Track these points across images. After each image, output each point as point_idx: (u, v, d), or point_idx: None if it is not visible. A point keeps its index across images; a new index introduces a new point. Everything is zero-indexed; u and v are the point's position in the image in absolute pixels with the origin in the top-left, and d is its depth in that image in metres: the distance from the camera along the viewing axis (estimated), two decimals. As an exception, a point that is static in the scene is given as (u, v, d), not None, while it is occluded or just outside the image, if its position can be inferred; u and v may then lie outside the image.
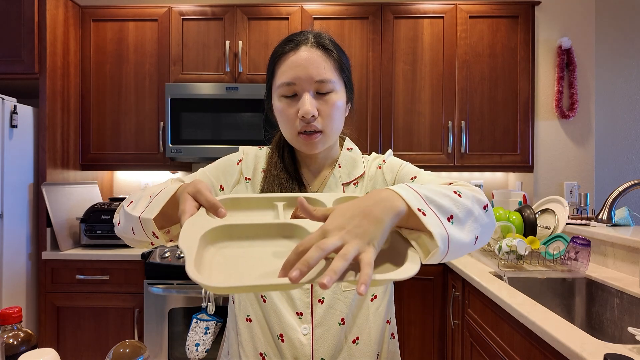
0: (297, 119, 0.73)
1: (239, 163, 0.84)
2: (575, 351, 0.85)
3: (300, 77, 0.72)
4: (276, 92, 0.76)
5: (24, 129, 1.95)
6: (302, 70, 0.72)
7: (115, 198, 2.20)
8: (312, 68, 0.72)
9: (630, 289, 1.31)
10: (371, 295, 0.79)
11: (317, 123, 0.73)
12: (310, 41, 0.74)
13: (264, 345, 0.75)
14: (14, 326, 0.67)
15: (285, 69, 0.73)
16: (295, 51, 0.73)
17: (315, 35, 0.76)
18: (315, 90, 0.73)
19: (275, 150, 0.84)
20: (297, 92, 0.73)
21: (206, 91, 2.14)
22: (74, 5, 2.22)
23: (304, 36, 0.75)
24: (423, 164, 2.21)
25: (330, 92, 0.74)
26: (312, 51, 0.74)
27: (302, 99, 0.73)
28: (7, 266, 1.85)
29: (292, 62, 0.73)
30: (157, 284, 1.89)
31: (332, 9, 2.22)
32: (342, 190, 0.81)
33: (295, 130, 0.75)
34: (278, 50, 0.76)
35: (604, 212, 1.25)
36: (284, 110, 0.75)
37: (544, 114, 2.39)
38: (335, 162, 0.85)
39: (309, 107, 0.71)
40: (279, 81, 0.74)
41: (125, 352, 0.61)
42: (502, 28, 2.22)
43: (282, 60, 0.74)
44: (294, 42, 0.74)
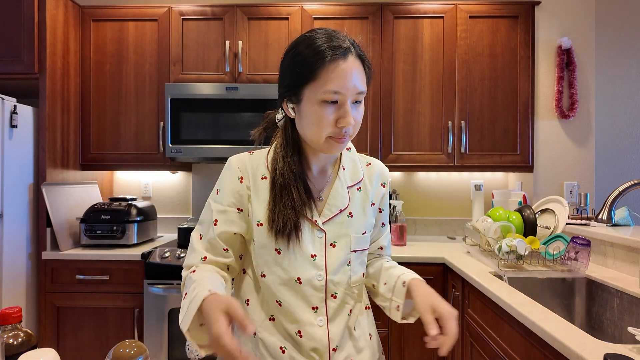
0: (333, 125, 0.76)
1: (242, 180, 0.85)
2: (575, 351, 0.85)
3: (348, 88, 0.74)
4: (317, 96, 0.74)
5: (23, 128, 1.95)
6: (349, 81, 0.74)
7: (115, 198, 2.20)
8: (357, 80, 0.75)
9: (630, 289, 1.31)
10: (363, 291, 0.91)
11: (350, 130, 0.77)
12: (354, 52, 0.76)
13: (283, 340, 0.81)
14: (14, 326, 0.67)
15: (334, 77, 0.73)
16: (344, 59, 0.74)
17: (354, 45, 0.77)
18: (353, 100, 0.76)
19: (289, 153, 0.83)
20: (338, 100, 0.75)
21: (206, 91, 2.15)
22: (74, 5, 2.22)
23: (347, 44, 0.75)
24: (423, 163, 2.22)
25: (362, 102, 0.79)
26: (356, 62, 0.76)
27: (344, 109, 0.75)
28: (7, 266, 1.85)
29: (342, 71, 0.73)
30: (157, 284, 1.89)
31: (332, 9, 2.22)
32: (347, 193, 0.86)
33: (325, 134, 0.76)
34: (322, 53, 0.73)
35: (604, 212, 1.25)
36: (322, 115, 0.75)
37: (543, 114, 2.39)
38: (337, 161, 0.89)
39: (351, 119, 0.75)
40: (326, 87, 0.73)
41: (126, 352, 0.62)
42: (502, 28, 2.22)
43: (331, 66, 0.73)
44: (342, 50, 0.74)
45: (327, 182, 0.87)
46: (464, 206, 2.55)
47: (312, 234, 0.82)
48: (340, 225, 0.84)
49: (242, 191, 0.84)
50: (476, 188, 2.33)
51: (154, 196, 2.59)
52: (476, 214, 2.31)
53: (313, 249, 0.81)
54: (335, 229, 0.83)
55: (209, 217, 0.84)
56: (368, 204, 0.89)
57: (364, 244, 0.87)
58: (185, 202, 2.59)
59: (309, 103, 0.76)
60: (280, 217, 0.78)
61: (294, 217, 0.79)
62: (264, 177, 0.84)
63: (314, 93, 0.74)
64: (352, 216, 0.85)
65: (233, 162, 0.86)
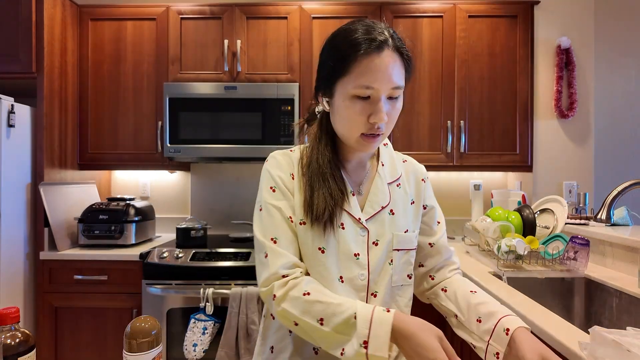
0: (366, 121, 0.73)
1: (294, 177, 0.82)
2: (575, 351, 0.85)
3: (380, 82, 0.71)
4: (348, 90, 0.72)
5: (21, 128, 1.95)
6: (383, 76, 0.71)
7: (113, 198, 2.19)
8: (392, 74, 0.72)
9: (629, 289, 1.31)
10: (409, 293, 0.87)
11: (383, 126, 0.75)
12: (391, 45, 0.72)
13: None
14: (12, 327, 0.67)
15: (366, 71, 0.70)
16: (378, 53, 0.71)
17: (393, 37, 0.73)
18: (388, 95, 0.73)
19: (324, 142, 0.82)
20: (371, 95, 0.72)
21: (204, 91, 2.14)
22: (72, 4, 2.21)
23: (384, 36, 0.72)
24: (422, 163, 2.20)
25: (399, 97, 0.76)
26: (393, 56, 0.72)
27: (378, 105, 0.72)
28: (5, 266, 1.85)
29: (375, 66, 0.70)
30: (155, 284, 1.88)
31: (331, 8, 2.22)
32: (387, 190, 0.84)
33: (358, 130, 0.75)
34: (357, 46, 0.71)
35: (603, 212, 1.26)
36: (353, 110, 0.73)
37: (543, 114, 2.39)
38: (376, 156, 0.88)
39: (384, 115, 0.72)
40: (357, 81, 0.71)
41: (142, 325, 0.67)
42: (501, 28, 2.22)
43: (364, 59, 0.70)
44: (377, 43, 0.71)
45: (365, 177, 0.86)
46: (463, 206, 2.55)
47: (355, 232, 0.80)
48: (382, 223, 0.82)
49: (292, 187, 0.81)
50: (475, 188, 2.33)
51: (152, 196, 2.59)
52: (475, 214, 2.31)
53: (356, 248, 0.79)
54: (378, 227, 0.81)
55: (278, 217, 0.78)
56: (408, 201, 0.87)
57: (408, 243, 0.84)
58: (184, 202, 2.59)
59: (341, 98, 0.74)
60: (320, 204, 0.76)
61: (332, 204, 0.77)
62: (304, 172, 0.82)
63: (346, 87, 0.73)
64: (394, 214, 0.83)
65: (279, 158, 0.84)
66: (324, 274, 0.77)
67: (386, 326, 0.65)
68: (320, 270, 0.77)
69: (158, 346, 0.68)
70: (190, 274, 1.88)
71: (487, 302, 0.80)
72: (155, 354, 0.67)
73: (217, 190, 2.56)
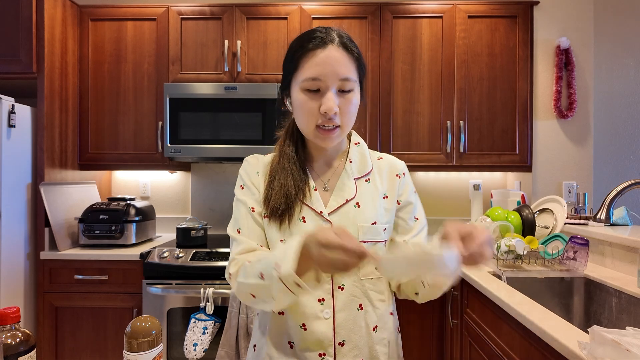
0: (318, 113, 0.78)
1: (259, 175, 0.89)
2: (574, 351, 0.85)
3: (326, 74, 0.76)
4: (298, 85, 0.78)
5: (22, 128, 1.95)
6: (328, 67, 0.76)
7: (113, 198, 2.19)
8: (338, 66, 0.76)
9: (628, 289, 1.31)
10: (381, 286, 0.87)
11: (337, 119, 0.78)
12: (336, 40, 0.78)
13: (291, 334, 0.81)
14: (12, 326, 0.67)
15: (311, 65, 0.76)
16: (322, 48, 0.77)
17: (339, 35, 0.79)
18: (337, 87, 0.78)
19: (287, 142, 0.88)
20: (320, 88, 0.77)
21: (205, 91, 2.14)
22: (72, 4, 2.22)
23: (329, 34, 0.78)
24: (422, 163, 2.22)
25: (351, 91, 0.79)
26: (338, 50, 0.77)
27: (326, 96, 0.77)
28: (5, 266, 1.85)
29: (319, 59, 0.76)
30: (155, 284, 1.88)
31: (331, 8, 2.22)
32: (354, 184, 0.86)
33: (313, 123, 0.79)
34: (304, 45, 0.78)
35: (602, 212, 1.26)
36: (305, 103, 0.78)
37: (542, 114, 2.40)
38: (345, 154, 0.92)
39: (333, 104, 0.76)
40: (304, 75, 0.77)
41: (142, 325, 0.68)
42: (501, 28, 2.22)
43: (309, 55, 0.77)
44: (320, 39, 0.77)
45: (333, 174, 0.89)
46: (463, 206, 2.56)
47: (316, 225, 0.81)
48: (347, 216, 0.83)
49: (259, 184, 0.87)
50: (475, 188, 2.33)
51: (153, 196, 2.59)
52: (475, 214, 2.31)
53: None
54: (342, 219, 0.83)
55: (243, 210, 0.85)
56: (378, 196, 0.88)
57: (375, 235, 0.84)
58: (184, 202, 2.59)
59: (295, 93, 0.80)
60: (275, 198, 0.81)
61: (286, 199, 0.81)
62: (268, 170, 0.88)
63: (297, 82, 0.79)
64: (360, 206, 0.85)
65: (250, 160, 0.91)
66: None
67: (294, 243, 0.66)
68: None
69: (158, 346, 0.69)
70: (191, 273, 1.88)
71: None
72: (155, 353, 0.68)
73: (217, 190, 2.57)
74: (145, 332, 0.67)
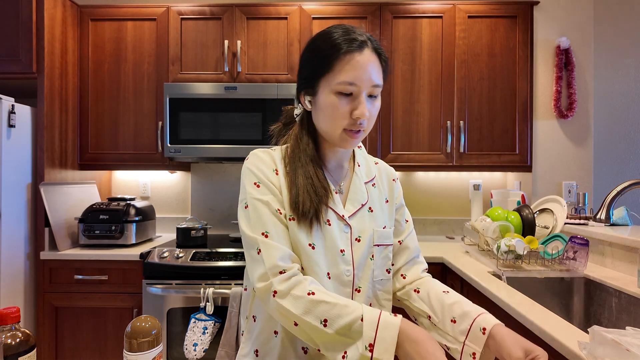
0: (348, 117, 0.77)
1: (277, 173, 0.82)
2: (574, 350, 0.85)
3: (362, 79, 0.75)
4: (331, 87, 0.76)
5: (22, 128, 1.95)
6: (364, 72, 0.75)
7: (113, 198, 2.19)
8: (373, 72, 0.76)
9: (628, 289, 1.31)
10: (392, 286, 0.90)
11: (365, 123, 0.78)
12: (370, 45, 0.77)
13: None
14: (12, 326, 0.67)
15: (349, 68, 0.75)
16: (359, 52, 0.75)
17: (370, 39, 0.78)
18: (368, 93, 0.77)
19: (305, 139, 0.84)
20: (353, 92, 0.76)
21: (205, 91, 2.14)
22: (72, 4, 2.22)
23: (364, 38, 0.77)
24: (422, 163, 2.22)
25: (378, 96, 0.80)
26: (372, 55, 0.77)
27: (359, 100, 0.76)
28: (5, 266, 1.85)
29: (357, 63, 0.75)
30: (155, 284, 1.88)
31: (331, 8, 2.22)
32: (364, 189, 0.88)
33: (341, 125, 0.78)
34: (338, 46, 0.75)
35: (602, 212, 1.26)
36: (337, 106, 0.76)
37: (542, 114, 2.40)
38: (352, 158, 0.92)
39: (366, 110, 0.76)
40: (340, 78, 0.75)
41: (142, 325, 0.67)
42: (501, 28, 2.22)
43: (345, 57, 0.75)
44: (358, 43, 0.76)
45: (345, 177, 0.89)
46: (463, 206, 2.56)
47: (339, 228, 0.82)
48: (363, 220, 0.85)
49: (278, 183, 0.81)
50: (475, 188, 2.33)
51: (153, 196, 2.59)
52: (475, 214, 2.31)
53: (341, 244, 0.81)
54: (359, 224, 0.84)
55: (266, 211, 0.77)
56: (383, 200, 0.91)
57: (386, 239, 0.87)
58: (184, 202, 2.59)
59: (324, 94, 0.78)
60: (305, 201, 0.77)
61: (316, 201, 0.78)
62: (288, 171, 0.82)
63: (329, 84, 0.76)
64: (372, 211, 0.87)
65: (260, 154, 0.84)
66: (315, 269, 0.78)
67: (393, 330, 0.65)
68: (312, 266, 0.78)
69: (158, 346, 0.69)
70: (191, 273, 1.88)
71: (461, 301, 0.80)
72: (155, 353, 0.68)
73: (217, 190, 2.57)
74: (145, 332, 0.67)
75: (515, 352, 0.66)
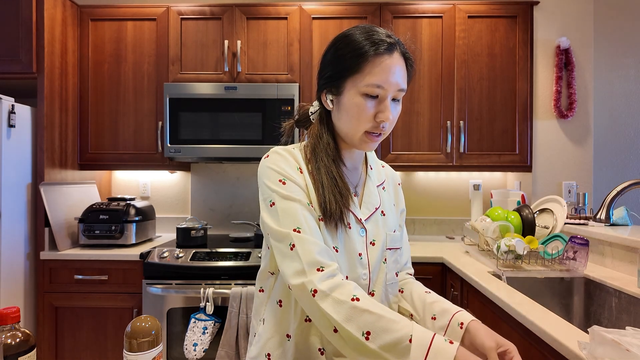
0: (372, 119, 0.76)
1: (302, 171, 0.80)
2: (574, 350, 0.85)
3: (391, 83, 0.74)
4: (358, 88, 0.75)
5: (22, 128, 1.95)
6: (393, 76, 0.75)
7: (113, 198, 2.19)
8: (400, 77, 0.76)
9: (628, 289, 1.31)
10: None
11: (387, 127, 0.78)
12: (399, 49, 0.77)
13: (323, 341, 0.78)
14: (12, 326, 0.67)
15: (378, 71, 0.74)
16: (389, 55, 0.75)
17: (399, 44, 0.78)
18: (393, 96, 0.77)
19: (326, 139, 0.82)
20: (379, 95, 0.75)
21: (205, 91, 2.14)
22: (72, 4, 2.22)
23: (393, 41, 0.76)
24: (422, 163, 2.22)
25: (400, 100, 0.80)
26: (400, 59, 0.77)
27: (384, 104, 0.76)
28: (5, 266, 1.85)
29: (387, 66, 0.74)
30: (155, 284, 1.88)
31: (331, 8, 2.22)
32: (377, 192, 0.88)
33: (364, 128, 0.77)
34: (371, 48, 0.74)
35: (602, 212, 1.26)
36: (362, 108, 0.75)
37: (542, 114, 2.40)
38: (365, 161, 0.92)
39: (390, 114, 0.76)
40: (369, 80, 0.74)
41: (142, 325, 0.67)
42: (501, 28, 2.22)
43: (376, 60, 0.74)
44: (387, 45, 0.75)
45: (359, 179, 0.89)
46: (463, 206, 2.56)
47: (357, 232, 0.82)
48: (377, 224, 0.85)
49: (303, 183, 0.78)
50: (475, 188, 2.33)
51: (153, 196, 2.59)
52: (475, 214, 2.31)
53: (359, 248, 0.81)
54: (374, 227, 0.84)
55: (296, 207, 0.73)
56: (392, 203, 0.92)
57: (397, 243, 0.88)
58: (184, 202, 2.59)
59: (350, 95, 0.76)
60: (332, 202, 0.76)
61: (342, 203, 0.77)
62: (311, 171, 0.80)
63: (356, 85, 0.75)
64: (385, 215, 0.88)
65: (283, 152, 0.81)
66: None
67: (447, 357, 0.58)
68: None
69: (158, 346, 0.69)
70: (191, 273, 1.88)
71: (440, 300, 0.83)
72: (155, 353, 0.68)
73: (217, 190, 2.57)
74: (145, 332, 0.67)
75: (488, 343, 0.69)
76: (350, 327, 0.63)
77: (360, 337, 0.62)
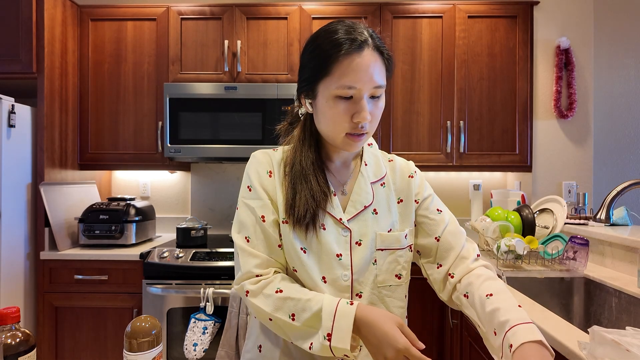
0: (350, 121, 0.74)
1: (271, 175, 0.82)
2: (574, 351, 0.85)
3: (363, 81, 0.71)
4: (329, 91, 0.73)
5: (22, 128, 1.95)
6: (365, 75, 0.71)
7: (113, 198, 2.19)
8: (374, 73, 0.73)
9: (628, 289, 1.31)
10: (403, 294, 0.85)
11: (367, 126, 0.75)
12: (371, 44, 0.73)
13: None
14: (12, 326, 0.67)
15: (348, 71, 0.71)
16: (358, 53, 0.71)
17: (371, 36, 0.74)
18: (370, 94, 0.74)
19: (306, 142, 0.83)
20: (353, 95, 0.73)
21: (205, 91, 2.14)
22: (72, 4, 2.22)
23: (364, 36, 0.73)
24: (421, 163, 2.22)
25: (381, 96, 0.77)
26: (374, 55, 0.73)
27: (360, 104, 0.73)
28: (5, 266, 1.85)
29: (356, 66, 0.71)
30: (155, 284, 1.88)
31: (331, 8, 2.22)
32: (371, 189, 0.84)
33: (343, 130, 0.75)
34: (336, 47, 0.71)
35: (602, 212, 1.26)
36: (337, 111, 0.74)
37: (542, 114, 2.40)
38: (359, 155, 0.89)
39: (367, 114, 0.73)
40: (339, 82, 0.72)
41: (142, 325, 0.68)
42: (501, 28, 2.22)
43: (345, 59, 0.71)
44: (357, 43, 0.71)
45: (350, 176, 0.86)
46: (463, 206, 2.56)
47: (337, 232, 0.79)
48: (365, 223, 0.81)
49: (271, 185, 0.81)
50: (475, 188, 2.33)
51: (153, 196, 2.59)
52: (475, 214, 2.31)
53: (338, 249, 0.79)
54: (361, 227, 0.81)
55: (251, 217, 0.79)
56: (393, 200, 0.86)
57: (392, 243, 0.82)
58: (184, 202, 2.59)
59: (324, 98, 0.75)
60: (300, 206, 0.76)
61: (313, 207, 0.77)
62: (287, 173, 0.82)
63: (328, 88, 0.73)
64: (377, 213, 0.83)
65: (259, 156, 0.84)
66: (309, 273, 0.77)
67: (349, 318, 0.67)
68: (305, 269, 0.78)
69: (158, 346, 0.69)
70: (191, 273, 1.88)
71: (501, 308, 0.70)
72: (155, 353, 0.68)
73: (217, 190, 2.57)
74: (145, 332, 0.67)
75: None
76: (279, 314, 0.72)
77: (288, 320, 0.71)
